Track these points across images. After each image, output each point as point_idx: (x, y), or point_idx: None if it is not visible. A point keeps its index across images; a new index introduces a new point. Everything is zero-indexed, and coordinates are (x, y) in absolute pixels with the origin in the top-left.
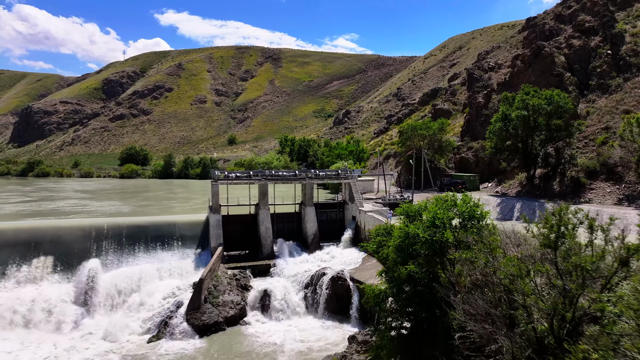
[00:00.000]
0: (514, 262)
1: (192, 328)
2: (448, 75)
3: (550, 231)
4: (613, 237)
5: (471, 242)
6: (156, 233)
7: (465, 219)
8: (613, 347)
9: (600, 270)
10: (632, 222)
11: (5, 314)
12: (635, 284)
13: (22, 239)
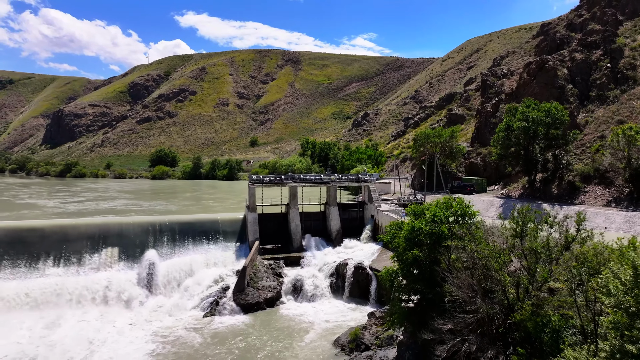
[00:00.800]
0: (488, 247)
1: (239, 306)
2: (465, 78)
3: (517, 225)
4: (565, 229)
5: (462, 234)
6: (202, 228)
7: (458, 216)
8: (554, 305)
9: (551, 251)
10: (614, 220)
11: (86, 293)
12: (571, 264)
13: (93, 233)
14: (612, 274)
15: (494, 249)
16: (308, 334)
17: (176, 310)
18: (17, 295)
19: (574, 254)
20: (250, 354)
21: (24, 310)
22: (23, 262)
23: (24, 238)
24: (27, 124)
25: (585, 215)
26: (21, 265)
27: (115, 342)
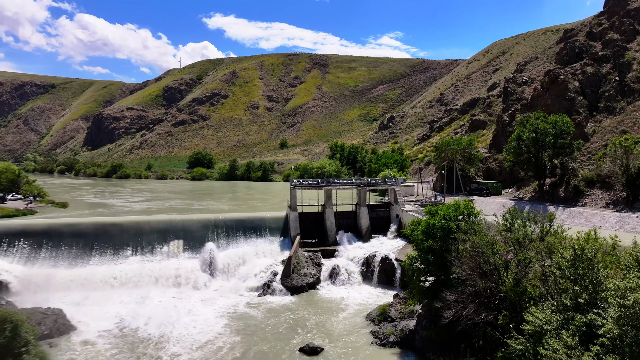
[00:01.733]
0: (484, 238)
1: (286, 289)
2: (490, 81)
3: (507, 222)
4: (542, 226)
5: (466, 229)
6: (251, 225)
7: (464, 215)
8: (528, 279)
9: (530, 241)
10: (608, 220)
11: (162, 277)
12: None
13: (162, 227)
14: (561, 255)
15: (488, 239)
16: (344, 311)
17: (235, 291)
18: (108, 277)
19: (545, 243)
20: (299, 324)
21: (116, 289)
22: (109, 251)
23: (108, 231)
24: (68, 126)
25: (585, 216)
26: (107, 254)
27: (193, 314)
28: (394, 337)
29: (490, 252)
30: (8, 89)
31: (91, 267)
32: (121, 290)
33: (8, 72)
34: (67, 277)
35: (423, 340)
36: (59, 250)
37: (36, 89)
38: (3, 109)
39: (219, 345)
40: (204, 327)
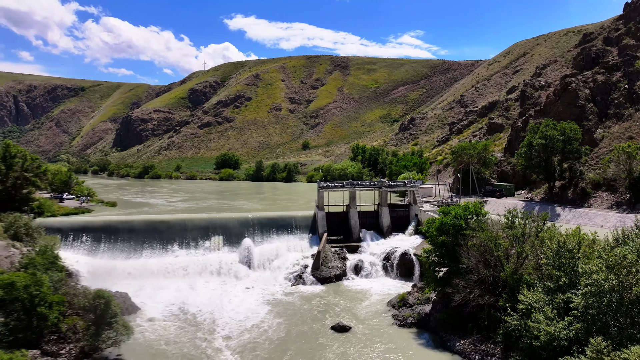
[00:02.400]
0: (488, 234)
1: (316, 279)
2: (510, 82)
3: (508, 220)
4: (537, 224)
5: (474, 226)
6: (283, 223)
7: (473, 214)
8: (525, 268)
9: (527, 236)
10: (610, 220)
11: (206, 268)
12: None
13: (204, 225)
14: (548, 247)
15: (492, 235)
16: (368, 299)
17: (271, 281)
18: (160, 268)
19: (539, 238)
20: (330, 308)
21: (167, 278)
22: (158, 245)
23: (157, 228)
24: (97, 127)
25: (589, 216)
26: (157, 248)
27: (239, 299)
28: (412, 319)
29: (494, 246)
30: (41, 92)
31: (144, 259)
32: (172, 279)
33: (41, 76)
34: (125, 267)
35: (437, 322)
36: (115, 244)
37: (67, 91)
38: (37, 111)
39: (264, 327)
40: (249, 310)
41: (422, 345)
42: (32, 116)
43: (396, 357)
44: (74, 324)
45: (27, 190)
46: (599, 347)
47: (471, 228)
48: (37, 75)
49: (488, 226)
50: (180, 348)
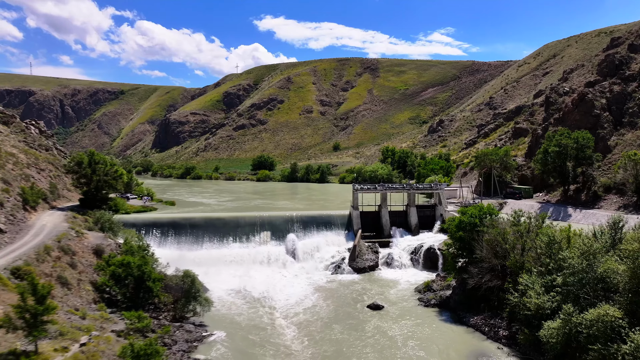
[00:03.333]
0: (498, 230)
1: (352, 269)
2: (540, 84)
3: (514, 219)
4: (537, 221)
5: (487, 223)
6: (322, 220)
7: (486, 214)
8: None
9: (529, 231)
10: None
11: (257, 258)
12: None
13: (253, 221)
14: (541, 240)
15: (501, 231)
16: (397, 286)
17: (314, 270)
18: (219, 258)
19: (538, 233)
20: (365, 292)
21: (226, 266)
22: (216, 238)
23: (214, 224)
24: (136, 129)
25: (596, 217)
26: (215, 241)
27: (289, 284)
28: (435, 301)
29: (502, 240)
30: (85, 96)
31: (205, 250)
32: (230, 267)
33: (84, 80)
34: (190, 256)
35: (455, 303)
36: (180, 237)
37: (108, 95)
38: (80, 114)
39: (313, 306)
40: (299, 293)
41: (443, 321)
42: (77, 119)
43: (422, 329)
44: (165, 298)
45: (106, 191)
46: (569, 311)
47: (484, 225)
48: (81, 80)
49: (499, 224)
50: (248, 319)
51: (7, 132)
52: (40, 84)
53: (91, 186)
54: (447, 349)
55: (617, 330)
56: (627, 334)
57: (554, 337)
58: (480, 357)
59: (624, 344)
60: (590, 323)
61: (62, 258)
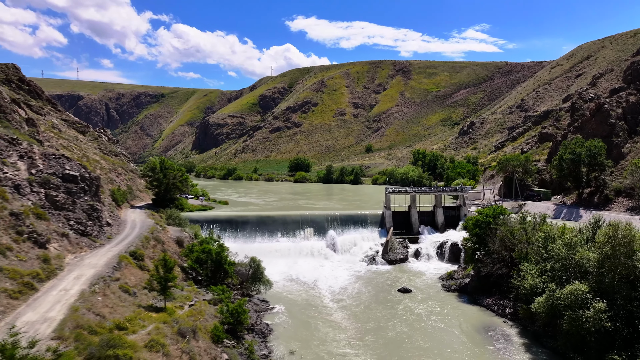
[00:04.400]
0: (507, 227)
1: (385, 261)
2: (572, 86)
3: (521, 218)
4: (538, 220)
5: (500, 222)
6: (358, 219)
7: (498, 213)
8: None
9: (532, 228)
10: (620, 220)
11: (303, 251)
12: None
13: (298, 219)
14: (538, 235)
15: (509, 228)
16: (424, 275)
17: (351, 262)
18: (271, 250)
19: (539, 229)
20: (396, 279)
21: (276, 257)
22: (266, 234)
23: (265, 221)
24: (176, 131)
25: (603, 218)
26: (265, 236)
27: (331, 273)
28: (455, 287)
29: (510, 235)
30: (128, 99)
31: (257, 243)
32: (280, 258)
33: (127, 85)
34: (245, 249)
35: (472, 288)
36: (236, 232)
37: (149, 98)
38: (124, 117)
39: (353, 290)
40: (340, 279)
41: (461, 302)
42: (121, 121)
43: (443, 308)
44: (234, 279)
45: (173, 192)
46: (552, 288)
47: (497, 223)
48: (124, 84)
49: (508, 222)
50: (301, 298)
51: (85, 140)
52: (88, 89)
53: (162, 188)
54: (463, 322)
55: (584, 300)
56: (591, 303)
57: (541, 309)
58: (489, 328)
59: (588, 311)
60: (566, 296)
61: (157, 246)
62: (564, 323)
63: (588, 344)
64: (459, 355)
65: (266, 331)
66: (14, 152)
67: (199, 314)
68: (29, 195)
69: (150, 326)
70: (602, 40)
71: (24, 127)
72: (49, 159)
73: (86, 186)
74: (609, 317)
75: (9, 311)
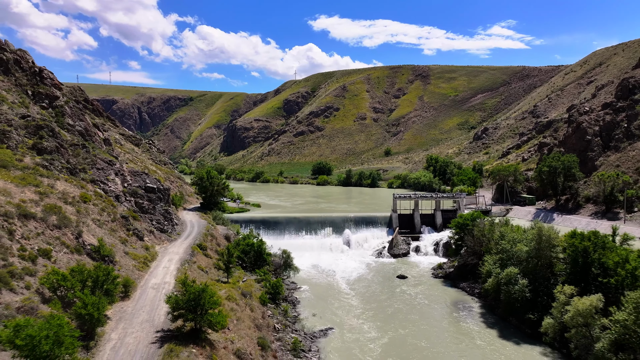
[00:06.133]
0: (479, 227)
1: (391, 255)
2: (583, 92)
3: (489, 220)
4: (503, 221)
5: (476, 223)
6: (370, 220)
7: (478, 216)
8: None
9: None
10: (581, 223)
11: (323, 246)
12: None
13: (320, 220)
14: (495, 234)
15: (481, 227)
16: (420, 266)
17: (363, 255)
18: (298, 245)
19: (503, 228)
20: (398, 269)
21: (302, 251)
22: (293, 232)
23: (292, 221)
24: (204, 133)
25: (570, 220)
26: (292, 233)
27: (345, 263)
28: (441, 275)
29: (481, 234)
30: (159, 103)
31: (286, 240)
32: (305, 252)
33: (158, 89)
34: (277, 244)
35: (454, 275)
36: (268, 230)
37: (178, 102)
38: (155, 120)
39: (362, 276)
40: (353, 268)
41: (444, 286)
42: (152, 124)
43: (429, 290)
44: (269, 267)
45: (216, 197)
46: (497, 272)
47: (473, 225)
48: (155, 88)
49: (481, 224)
50: (322, 282)
51: (139, 152)
52: (121, 93)
53: (208, 194)
54: (442, 300)
55: (515, 279)
56: (518, 280)
57: (490, 287)
58: (460, 303)
59: (516, 286)
60: (504, 277)
61: (212, 240)
62: (502, 295)
63: (517, 309)
64: (435, 321)
65: (295, 302)
66: (112, 171)
67: (250, 286)
68: (125, 203)
69: (223, 290)
70: (615, 47)
71: (103, 146)
72: (134, 175)
73: (161, 195)
74: (529, 290)
75: (142, 277)
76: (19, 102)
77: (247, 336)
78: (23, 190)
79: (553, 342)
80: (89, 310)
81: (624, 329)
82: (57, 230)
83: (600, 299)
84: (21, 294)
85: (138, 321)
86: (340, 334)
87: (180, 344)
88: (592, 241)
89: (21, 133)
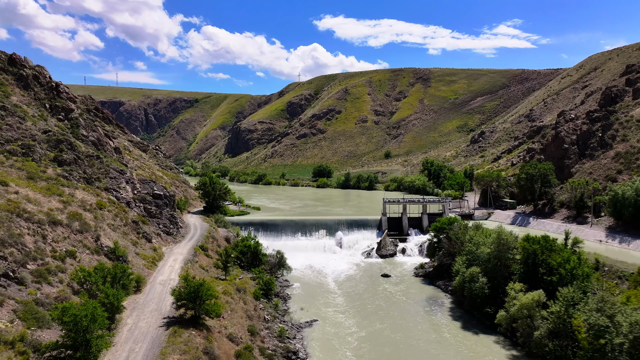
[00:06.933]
0: (454, 230)
1: (379, 256)
2: (577, 97)
3: (466, 222)
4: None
5: (454, 226)
6: (361, 223)
7: (455, 220)
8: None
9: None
10: (553, 226)
11: (317, 247)
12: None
13: (315, 222)
14: (466, 238)
15: (456, 230)
16: (404, 266)
17: (353, 255)
18: (293, 246)
19: (478, 230)
20: (383, 268)
21: (297, 252)
22: (290, 234)
23: (288, 223)
24: (209, 135)
25: (543, 224)
26: (289, 235)
27: (337, 263)
28: (422, 274)
29: (455, 236)
30: (165, 105)
31: (283, 241)
32: (300, 252)
33: (164, 91)
34: (274, 245)
35: (433, 274)
36: (266, 232)
37: (184, 103)
38: (161, 121)
39: (350, 274)
40: (343, 267)
41: (423, 284)
42: (158, 125)
43: (408, 287)
44: (264, 266)
45: (218, 201)
46: (463, 270)
47: (448, 228)
48: (161, 90)
49: (455, 227)
50: (313, 280)
51: (147, 158)
52: (128, 95)
53: (211, 198)
54: (419, 297)
55: (477, 277)
56: (479, 278)
57: (457, 284)
58: (434, 299)
59: (477, 283)
60: (468, 275)
61: (213, 242)
62: (466, 292)
63: (478, 304)
64: (409, 316)
65: (286, 297)
66: (123, 179)
67: (246, 283)
68: (135, 208)
69: (220, 286)
70: (610, 52)
71: (114, 155)
72: (143, 183)
73: (167, 201)
74: (489, 287)
75: (150, 275)
76: (38, 115)
77: (239, 324)
78: (49, 199)
79: (506, 332)
80: (111, 299)
81: (558, 319)
82: (80, 234)
83: (541, 294)
84: (57, 286)
85: (148, 310)
86: (323, 326)
87: (183, 327)
88: (541, 244)
89: (44, 147)
